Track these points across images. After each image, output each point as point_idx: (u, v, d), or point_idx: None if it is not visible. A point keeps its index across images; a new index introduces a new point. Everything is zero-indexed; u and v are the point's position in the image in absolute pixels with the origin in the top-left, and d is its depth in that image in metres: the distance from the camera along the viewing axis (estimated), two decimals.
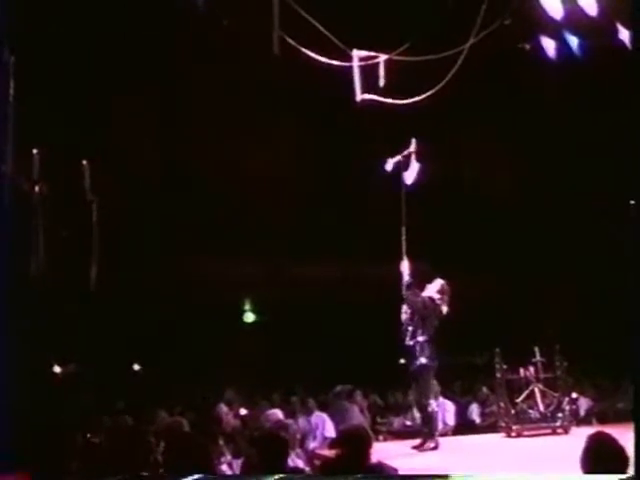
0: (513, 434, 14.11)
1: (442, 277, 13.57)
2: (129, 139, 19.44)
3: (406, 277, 13.33)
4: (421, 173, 13.53)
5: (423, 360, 13.05)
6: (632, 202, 15.16)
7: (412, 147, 13.60)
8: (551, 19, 13.55)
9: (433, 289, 13.37)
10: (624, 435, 6.01)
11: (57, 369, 21.86)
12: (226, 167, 20.18)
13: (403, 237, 13.27)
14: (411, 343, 13.18)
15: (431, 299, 13.23)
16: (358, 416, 16.08)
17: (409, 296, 13.29)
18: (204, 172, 20.75)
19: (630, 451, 5.89)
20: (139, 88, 18.48)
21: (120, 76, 17.80)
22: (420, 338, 13.11)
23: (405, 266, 13.32)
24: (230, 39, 14.33)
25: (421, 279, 13.55)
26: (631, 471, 5.89)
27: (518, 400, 14.34)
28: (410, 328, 13.24)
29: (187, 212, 21.01)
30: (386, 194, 14.04)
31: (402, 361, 13.89)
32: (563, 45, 14.02)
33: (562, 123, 19.44)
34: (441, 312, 13.23)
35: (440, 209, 20.65)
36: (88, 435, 12.61)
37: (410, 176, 13.58)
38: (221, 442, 13.80)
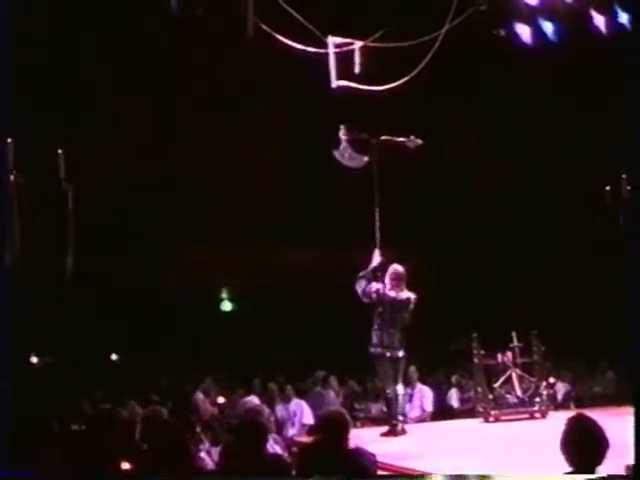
0: (491, 419, 14.15)
1: (420, 262, 13.55)
2: (106, 127, 19.38)
3: (372, 266, 13.23)
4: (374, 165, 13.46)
5: (371, 349, 13.08)
6: (607, 188, 15.28)
7: (342, 133, 13.49)
8: (526, 5, 13.60)
9: (387, 275, 13.30)
10: (601, 418, 6.04)
11: (34, 360, 21.82)
12: (205, 155, 20.15)
13: (377, 223, 13.23)
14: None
15: (370, 287, 13.12)
16: (334, 402, 16.11)
17: (356, 286, 13.20)
18: (183, 160, 20.72)
19: (610, 434, 5.92)
20: (115, 76, 18.43)
21: (97, 65, 17.75)
22: (374, 326, 13.13)
23: (376, 255, 13.23)
24: (205, 26, 14.28)
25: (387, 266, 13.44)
26: (612, 460, 5.94)
27: (496, 385, 14.37)
28: None
29: (165, 200, 20.97)
30: (362, 180, 14.01)
31: None
32: (538, 31, 14.05)
33: (537, 109, 19.50)
34: (385, 297, 13.10)
35: (416, 194, 20.71)
36: (68, 425, 12.59)
37: (344, 159, 13.50)
38: (199, 430, 13.81)
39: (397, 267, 13.24)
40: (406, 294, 13.10)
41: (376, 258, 13.13)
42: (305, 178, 21.15)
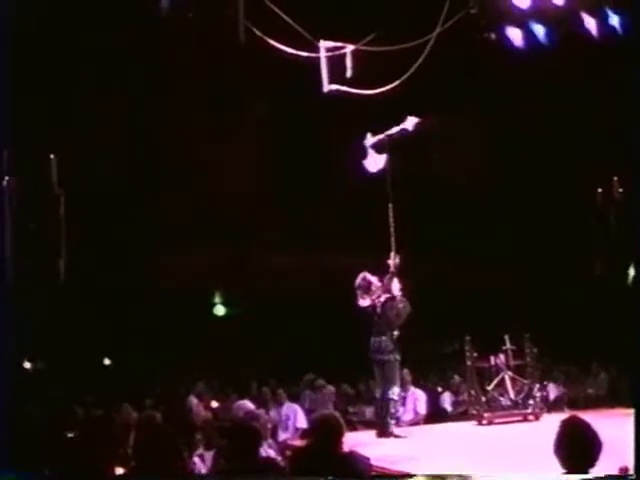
0: (484, 422, 14.15)
1: (412, 265, 13.58)
2: (96, 133, 19.34)
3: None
4: (387, 163, 13.50)
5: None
6: (599, 190, 15.31)
7: (368, 141, 13.56)
8: (517, 8, 13.63)
9: None
10: (594, 420, 6.05)
11: (27, 365, 21.77)
12: (195, 158, 20.13)
13: (392, 229, 13.30)
14: None
15: None
16: (328, 405, 16.12)
17: None
18: (172, 164, 20.69)
19: (603, 436, 5.92)
20: (106, 82, 18.39)
21: (87, 70, 17.71)
22: None
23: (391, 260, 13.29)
24: (196, 31, 14.28)
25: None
26: (605, 462, 5.94)
27: (489, 388, 14.38)
28: None
29: (160, 204, 20.94)
30: (354, 184, 14.03)
31: None
32: (529, 34, 14.08)
33: (528, 111, 19.49)
34: (361, 307, 13.24)
35: (409, 197, 20.68)
36: (61, 430, 12.55)
37: (371, 166, 13.54)
38: (192, 434, 13.77)
39: (360, 276, 13.32)
40: (368, 301, 13.16)
41: (391, 260, 13.23)
42: (298, 181, 21.13)
